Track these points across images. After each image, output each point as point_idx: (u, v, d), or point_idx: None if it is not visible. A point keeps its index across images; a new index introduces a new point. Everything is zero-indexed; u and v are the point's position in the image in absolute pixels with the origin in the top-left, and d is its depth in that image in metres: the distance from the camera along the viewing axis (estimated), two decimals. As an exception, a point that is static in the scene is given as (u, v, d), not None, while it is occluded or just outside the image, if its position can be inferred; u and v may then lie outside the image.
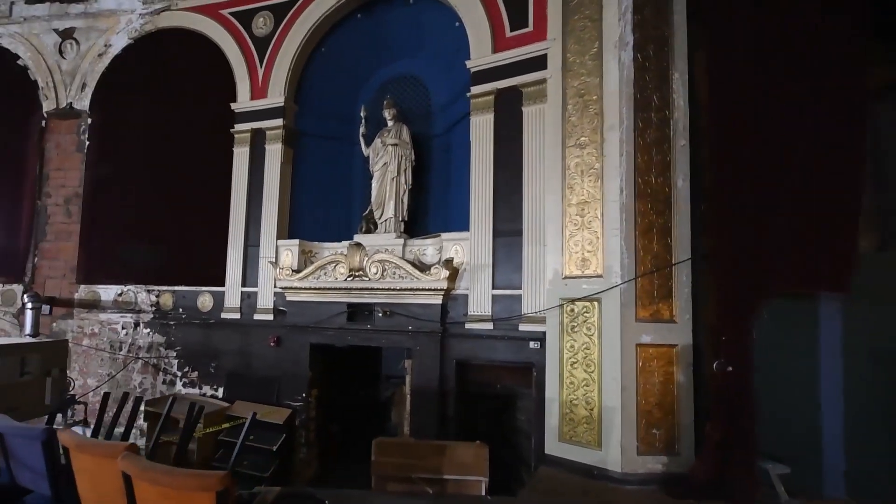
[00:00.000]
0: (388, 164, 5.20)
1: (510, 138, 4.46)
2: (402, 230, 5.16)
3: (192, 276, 5.57)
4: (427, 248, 4.97)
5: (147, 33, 5.98)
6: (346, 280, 4.93)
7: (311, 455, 5.12)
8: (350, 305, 5.00)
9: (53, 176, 5.92)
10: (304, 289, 5.08)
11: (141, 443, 4.91)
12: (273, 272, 5.18)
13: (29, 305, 5.25)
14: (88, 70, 5.98)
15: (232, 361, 5.37)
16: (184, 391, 5.44)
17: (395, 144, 5.20)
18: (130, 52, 6.02)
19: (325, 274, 5.06)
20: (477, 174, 4.64)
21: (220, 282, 5.45)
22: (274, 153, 5.47)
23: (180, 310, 5.57)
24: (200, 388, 5.44)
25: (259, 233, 5.41)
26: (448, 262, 4.57)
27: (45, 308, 5.49)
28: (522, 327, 4.23)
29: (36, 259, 5.85)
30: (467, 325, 4.49)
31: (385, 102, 5.36)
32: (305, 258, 5.24)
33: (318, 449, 5.20)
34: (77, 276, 5.74)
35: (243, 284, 5.42)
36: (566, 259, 3.84)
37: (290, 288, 5.11)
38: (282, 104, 5.47)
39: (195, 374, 5.47)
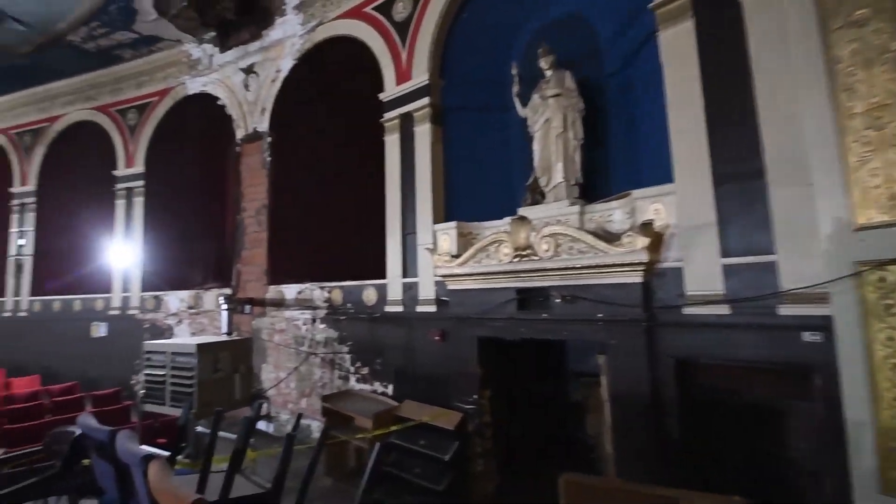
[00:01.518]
0: (550, 120, 4.18)
1: (723, 42, 3.06)
2: (576, 195, 4.06)
3: (356, 270, 5.39)
4: (613, 213, 3.76)
5: (306, 51, 6.19)
6: (511, 262, 4.04)
7: (490, 467, 4.30)
8: (520, 291, 4.08)
9: (247, 193, 6.47)
10: (466, 275, 4.35)
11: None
12: (431, 260, 4.58)
13: (224, 307, 5.69)
14: (266, 96, 6.44)
15: (398, 357, 4.95)
16: (357, 387, 5.20)
17: (558, 94, 4.16)
18: (295, 71, 6.32)
19: (486, 257, 4.25)
20: (677, 104, 3.33)
21: (383, 274, 5.11)
22: (423, 134, 4.97)
23: (348, 305, 5.42)
24: (371, 385, 5.14)
25: (415, 220, 4.92)
26: (646, 227, 3.31)
27: (247, 308, 5.90)
28: (784, 310, 2.72)
29: (238, 266, 6.43)
30: (687, 310, 3.15)
31: (540, 51, 4.39)
32: (465, 241, 4.52)
33: (497, 461, 4.34)
34: (267, 278, 6.09)
35: (404, 275, 4.98)
36: (857, 199, 2.33)
37: (451, 276, 4.44)
38: (426, 82, 4.96)
39: (366, 369, 5.20)
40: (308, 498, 2.37)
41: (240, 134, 6.71)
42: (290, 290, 5.89)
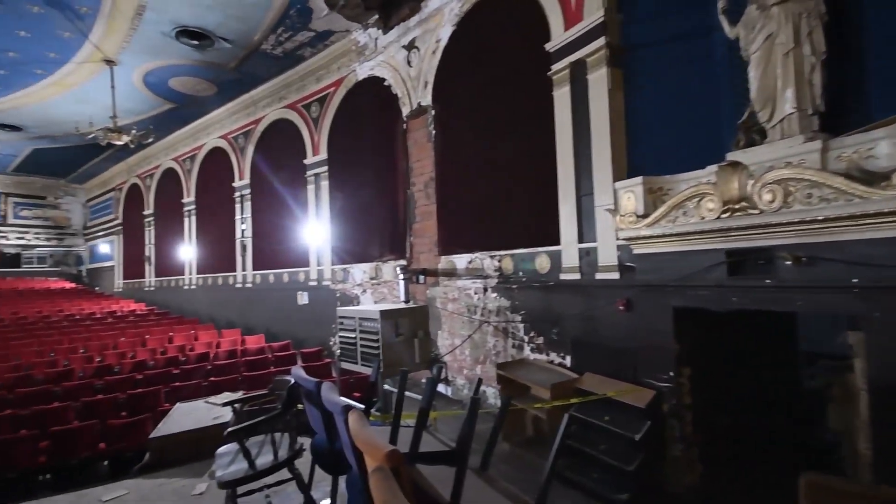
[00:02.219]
0: (774, 35, 3.36)
1: None
2: (815, 128, 3.23)
3: (528, 237, 5.29)
4: (877, 146, 2.90)
5: (465, 14, 6.15)
6: (719, 218, 3.45)
7: (691, 455, 3.86)
8: (731, 253, 3.49)
9: (415, 167, 6.86)
10: (656, 237, 3.88)
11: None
12: (613, 222, 4.20)
13: (401, 277, 6.17)
14: (427, 69, 6.65)
15: (576, 327, 4.75)
16: (532, 356, 5.18)
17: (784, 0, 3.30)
18: (454, 39, 6.36)
19: (683, 214, 3.72)
20: None
21: (556, 240, 4.91)
22: (598, 81, 4.53)
23: (520, 273, 5.37)
24: (547, 355, 5.05)
25: (591, 179, 4.57)
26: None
27: (420, 278, 6.33)
28: None
29: (411, 238, 6.92)
30: None
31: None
32: (654, 199, 4.03)
33: (700, 449, 3.87)
34: (439, 249, 6.42)
35: (580, 241, 4.70)
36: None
37: (637, 238, 4.02)
38: (602, 19, 4.48)
39: (540, 339, 5.13)
40: (490, 461, 2.42)
41: (405, 111, 7.09)
42: (460, 260, 6.12)
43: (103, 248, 18.34)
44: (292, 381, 3.15)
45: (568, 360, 4.90)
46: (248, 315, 10.68)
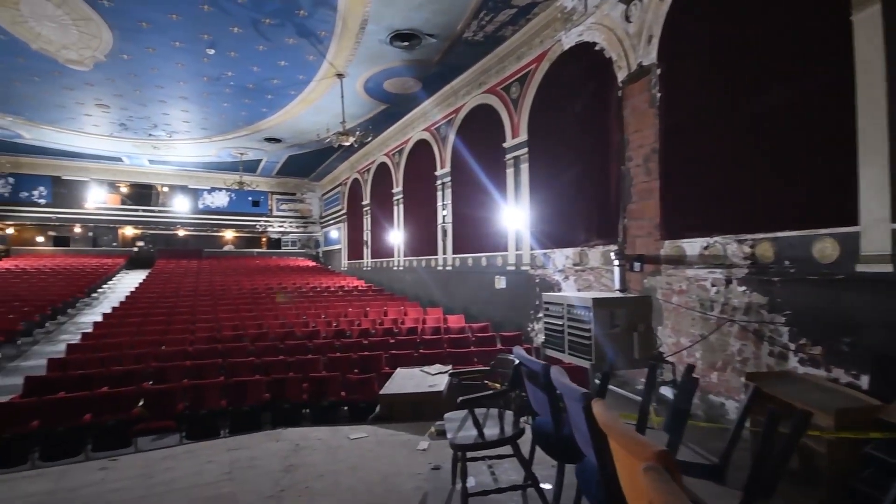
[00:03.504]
0: None
1: None
2: None
3: (798, 215, 4.06)
4: None
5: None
6: None
7: None
8: None
9: (632, 139, 6.07)
10: None
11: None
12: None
13: (616, 263, 5.49)
14: (652, 20, 5.75)
15: (881, 338, 3.43)
16: (801, 369, 3.99)
17: None
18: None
19: None
20: None
21: (848, 218, 3.63)
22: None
23: (785, 262, 4.19)
24: (828, 371, 3.83)
25: (923, 129, 3.18)
26: None
27: (636, 265, 5.57)
28: None
29: (624, 220, 6.17)
30: None
31: None
32: None
33: None
34: (660, 233, 5.56)
35: (895, 218, 3.35)
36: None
37: None
38: None
39: (817, 349, 3.91)
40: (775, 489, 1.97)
41: (621, 76, 6.33)
42: (691, 245, 5.15)
43: (333, 233, 22.31)
44: (517, 360, 3.13)
45: (864, 381, 3.61)
46: (448, 296, 11.39)
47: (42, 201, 19.95)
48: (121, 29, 8.74)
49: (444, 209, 11.55)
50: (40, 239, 21.46)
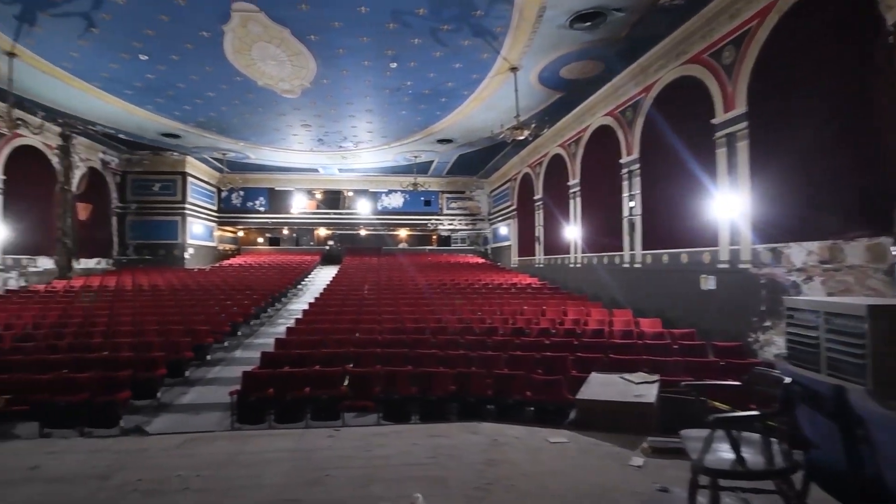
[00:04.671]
0: None
1: None
2: None
3: None
4: None
5: None
6: None
7: None
8: None
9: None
10: None
11: None
12: None
13: (898, 260, 4.12)
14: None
15: None
16: None
17: None
18: None
19: None
20: None
21: None
22: None
23: None
24: None
25: None
26: None
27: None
28: None
29: (914, 201, 4.67)
30: None
31: None
32: None
33: None
34: None
35: None
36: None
37: None
38: None
39: None
40: None
41: (891, 18, 4.83)
42: None
43: (502, 230, 22.75)
44: (786, 378, 2.74)
45: None
46: (636, 296, 10.39)
47: (261, 209, 24.87)
48: (323, 57, 10.24)
49: (631, 200, 10.61)
50: (260, 240, 26.92)
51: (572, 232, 13.77)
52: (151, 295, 12.68)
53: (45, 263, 15.18)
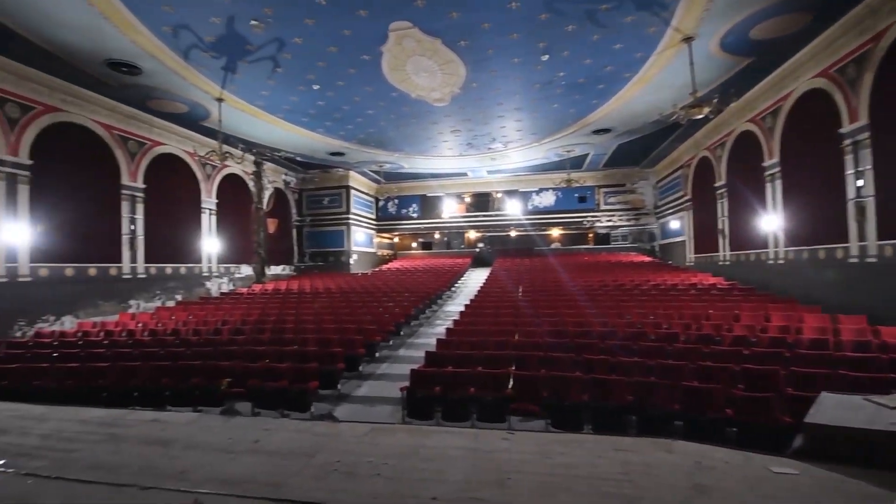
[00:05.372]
0: None
1: None
2: None
3: None
4: None
5: None
6: None
7: None
8: None
9: None
10: None
11: None
12: None
13: None
14: None
15: None
16: None
17: None
18: None
19: None
20: None
21: None
22: None
23: None
24: None
25: None
26: None
27: None
28: None
29: None
30: None
31: None
32: None
33: None
34: None
35: None
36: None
37: None
38: None
39: None
40: None
41: None
42: None
43: (673, 224, 20.62)
44: None
45: None
46: (871, 299, 8.32)
47: (414, 215, 26.67)
48: (472, 62, 10.50)
49: (858, 178, 8.58)
50: (413, 244, 28.89)
51: (771, 222, 11.70)
52: (326, 297, 14.45)
53: (246, 270, 18.72)
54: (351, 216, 23.34)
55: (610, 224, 24.24)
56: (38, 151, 10.87)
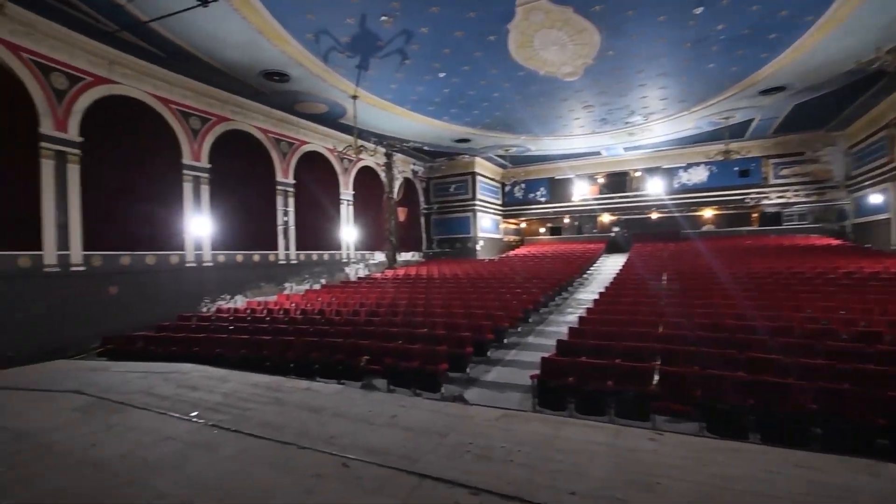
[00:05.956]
0: None
1: None
2: None
3: None
4: None
5: None
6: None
7: None
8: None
9: None
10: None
11: None
12: None
13: None
14: None
15: None
16: None
17: None
18: None
19: None
20: None
21: None
22: None
23: None
24: None
25: None
26: None
27: None
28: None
29: None
30: None
31: None
32: None
33: None
34: None
35: None
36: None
37: None
38: None
39: None
40: None
41: None
42: None
43: (873, 198, 16.96)
44: None
45: None
46: None
47: (542, 199, 26.04)
48: (608, 27, 9.76)
49: None
50: (541, 230, 28.25)
51: None
52: (454, 282, 14.87)
53: (379, 257, 20.26)
54: (477, 202, 23.64)
55: (782, 201, 20.77)
56: (213, 156, 13.10)
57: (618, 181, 24.54)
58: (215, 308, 12.61)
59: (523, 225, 28.57)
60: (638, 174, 23.86)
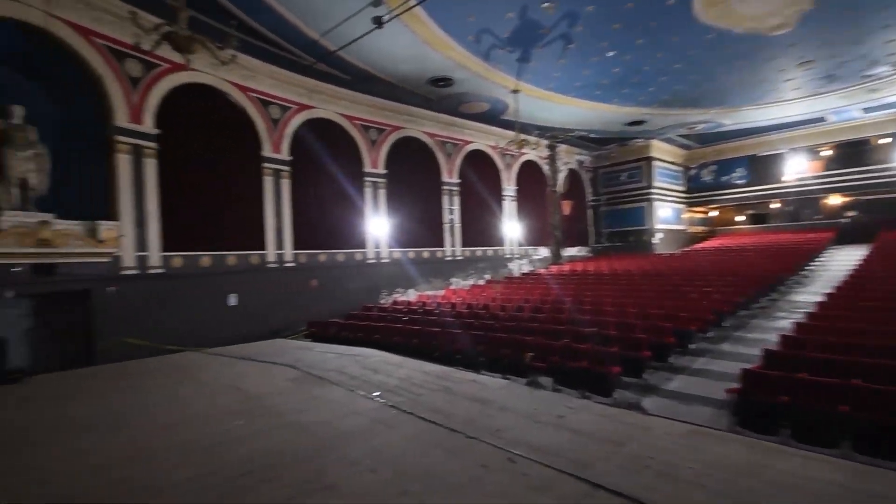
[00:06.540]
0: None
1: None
2: None
3: None
4: None
5: None
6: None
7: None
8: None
9: None
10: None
11: None
12: None
13: None
14: None
15: None
16: None
17: None
18: None
19: None
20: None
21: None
22: None
23: None
24: None
25: None
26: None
27: None
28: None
29: None
30: None
31: None
32: None
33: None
34: None
35: None
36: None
37: None
38: None
39: None
40: None
41: None
42: None
43: None
44: None
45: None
46: None
47: (740, 182, 22.58)
48: None
49: None
50: (739, 218, 24.40)
51: None
52: (626, 279, 13.81)
53: (543, 252, 20.01)
54: (653, 190, 21.64)
55: None
56: (388, 163, 14.64)
57: (852, 153, 19.83)
58: (392, 300, 13.97)
59: (714, 213, 25.17)
60: (883, 141, 19.02)
